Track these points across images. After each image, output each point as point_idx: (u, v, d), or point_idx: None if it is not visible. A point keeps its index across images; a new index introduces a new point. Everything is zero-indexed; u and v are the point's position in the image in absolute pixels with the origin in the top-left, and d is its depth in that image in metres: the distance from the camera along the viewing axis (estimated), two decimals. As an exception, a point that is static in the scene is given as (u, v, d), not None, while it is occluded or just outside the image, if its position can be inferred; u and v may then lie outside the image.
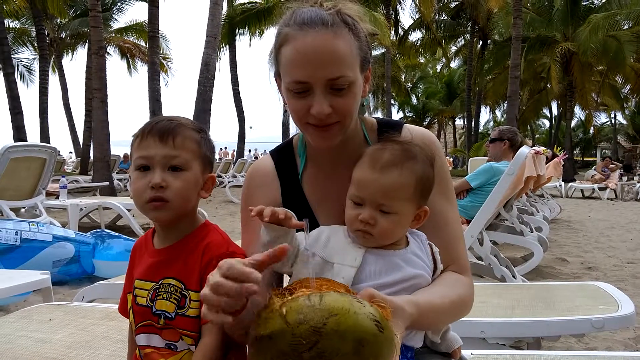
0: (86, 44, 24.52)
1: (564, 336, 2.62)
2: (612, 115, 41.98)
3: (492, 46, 30.33)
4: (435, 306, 1.03)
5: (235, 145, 28.62)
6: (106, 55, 15.20)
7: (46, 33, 23.74)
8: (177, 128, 1.17)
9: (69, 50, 28.03)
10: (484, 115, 48.73)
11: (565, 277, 4.71)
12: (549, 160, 7.02)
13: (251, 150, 37.55)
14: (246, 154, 29.82)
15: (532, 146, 4.38)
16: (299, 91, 1.07)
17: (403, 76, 43.22)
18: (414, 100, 47.56)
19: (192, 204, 1.19)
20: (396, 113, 44.65)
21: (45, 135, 21.93)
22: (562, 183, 14.77)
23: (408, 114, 46.52)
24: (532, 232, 5.14)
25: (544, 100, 31.32)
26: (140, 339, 1.18)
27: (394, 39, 30.67)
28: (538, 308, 2.35)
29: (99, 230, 4.93)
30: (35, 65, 26.10)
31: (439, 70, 48.70)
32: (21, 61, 27.70)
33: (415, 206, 1.09)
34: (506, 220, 4.92)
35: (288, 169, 1.25)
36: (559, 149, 8.07)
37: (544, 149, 4.65)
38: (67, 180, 9.40)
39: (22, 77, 27.57)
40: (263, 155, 1.37)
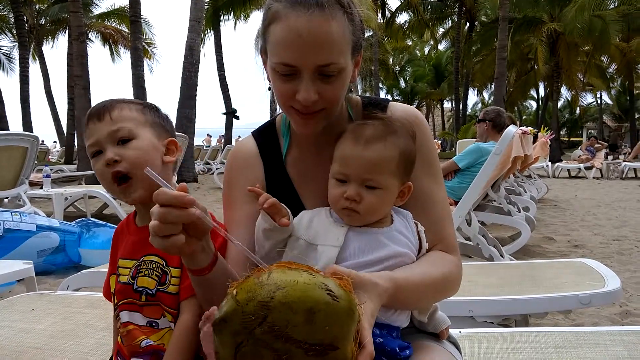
0: (67, 31, 24.07)
1: (551, 313, 2.64)
2: (598, 95, 42.32)
3: (479, 27, 30.28)
4: (414, 282, 1.01)
5: (218, 132, 28.43)
6: (88, 42, 14.97)
7: (25, 19, 23.26)
8: (112, 104, 1.17)
9: (49, 37, 27.56)
10: (472, 97, 49.09)
11: (553, 256, 4.75)
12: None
13: (240, 137, 37.34)
14: (233, 141, 29.67)
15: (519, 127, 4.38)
16: (286, 73, 1.02)
17: (391, 59, 43.11)
18: (402, 83, 47.52)
19: (157, 170, 1.16)
20: (384, 97, 44.61)
21: (27, 124, 21.62)
22: (549, 163, 14.89)
23: (396, 98, 46.48)
24: (520, 212, 5.17)
25: (531, 81, 31.41)
26: (123, 316, 1.16)
27: (381, 21, 30.50)
28: (525, 286, 2.35)
29: (84, 219, 4.88)
30: (15, 53, 25.63)
31: (426, 52, 48.63)
32: (0, 49, 27.23)
33: (400, 181, 1.07)
34: (494, 200, 4.94)
35: (271, 150, 1.22)
36: (546, 129, 8.09)
37: (531, 128, 4.65)
38: (52, 169, 9.30)
39: (2, 66, 27.10)
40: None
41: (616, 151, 23.91)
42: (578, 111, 47.32)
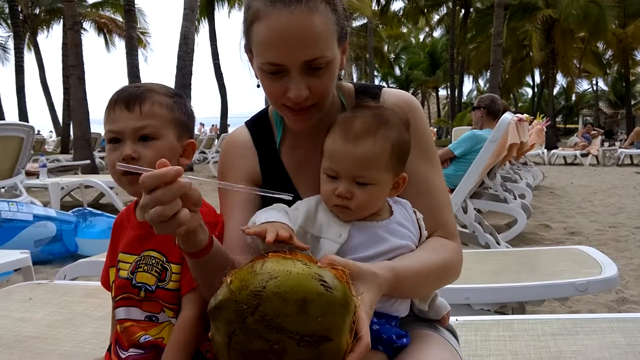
0: (61, 20, 23.88)
1: (547, 300, 2.65)
2: (594, 82, 42.26)
3: (475, 14, 30.13)
4: (414, 271, 1.00)
5: (213, 121, 28.30)
6: (82, 31, 14.86)
7: (19, 9, 23.03)
8: (144, 94, 1.11)
9: (44, 27, 27.38)
10: (467, 84, 48.90)
11: (549, 243, 4.77)
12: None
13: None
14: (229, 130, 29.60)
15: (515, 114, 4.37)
16: (274, 72, 1.01)
17: (386, 47, 42.90)
18: (397, 71, 47.34)
19: None
20: (379, 84, 44.50)
21: (23, 114, 21.50)
22: (545, 150, 14.90)
23: (392, 85, 46.27)
24: (516, 199, 5.19)
25: (527, 68, 31.32)
26: (119, 313, 1.15)
27: (376, 8, 30.33)
28: (522, 273, 2.36)
29: (81, 208, 4.87)
30: (10, 43, 25.43)
31: (421, 40, 48.41)
32: (-5, 39, 27.00)
33: (393, 174, 1.05)
34: (490, 188, 4.94)
35: (265, 139, 1.21)
36: (541, 116, 8.10)
37: (527, 115, 4.65)
38: (48, 159, 9.26)
39: (-3, 56, 26.89)
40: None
41: (612, 138, 23.93)
42: (574, 98, 47.20)
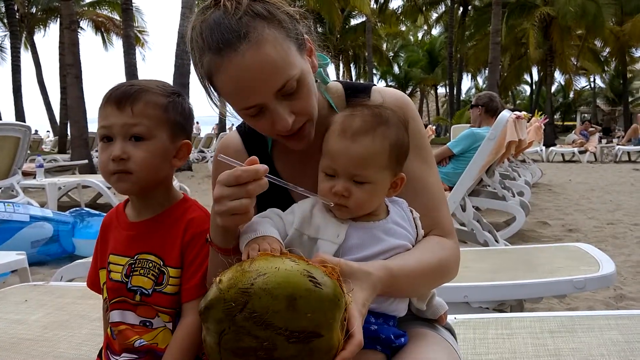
0: (58, 19, 23.81)
1: (546, 297, 2.64)
2: (592, 79, 42.32)
3: (473, 12, 30.13)
4: (410, 270, 1.00)
5: (212, 120, 28.23)
6: (79, 30, 14.83)
7: (16, 8, 22.97)
8: (137, 94, 1.08)
9: (41, 26, 27.27)
10: (466, 82, 48.93)
11: (547, 240, 4.77)
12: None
13: (234, 125, 37.14)
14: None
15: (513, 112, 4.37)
16: (254, 114, 1.01)
17: (384, 45, 42.88)
18: (396, 69, 47.31)
19: (163, 174, 1.14)
20: (378, 83, 44.49)
21: (20, 114, 21.42)
22: (543, 148, 14.93)
23: (390, 83, 46.29)
24: (514, 197, 5.19)
25: (525, 65, 31.34)
26: (114, 316, 1.14)
27: (374, 7, 30.29)
28: (520, 271, 2.36)
29: (78, 208, 4.85)
30: (7, 43, 25.34)
31: (420, 38, 48.41)
32: (-9, 39, 26.91)
33: (391, 173, 1.04)
34: (488, 185, 4.94)
35: (257, 144, 1.20)
36: (540, 113, 8.09)
37: (525, 113, 4.64)
38: (45, 159, 9.24)
39: (-6, 55, 26.80)
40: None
41: (610, 135, 24.00)
42: (572, 95, 47.31)
